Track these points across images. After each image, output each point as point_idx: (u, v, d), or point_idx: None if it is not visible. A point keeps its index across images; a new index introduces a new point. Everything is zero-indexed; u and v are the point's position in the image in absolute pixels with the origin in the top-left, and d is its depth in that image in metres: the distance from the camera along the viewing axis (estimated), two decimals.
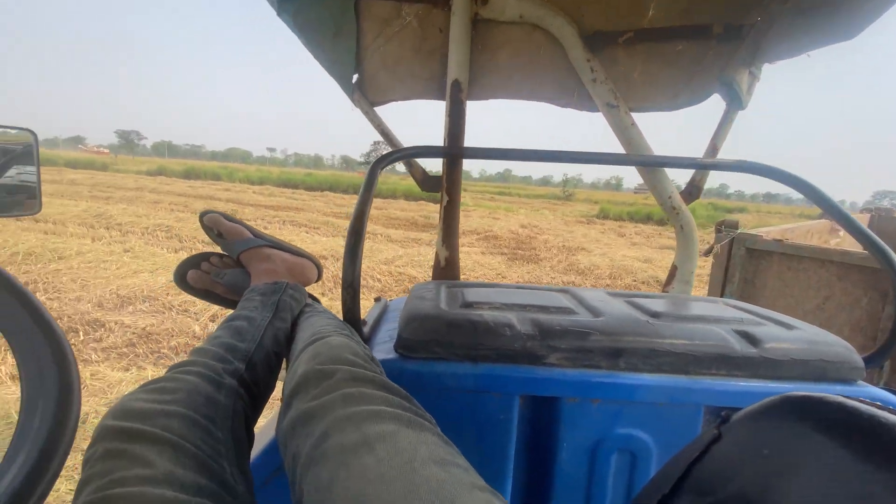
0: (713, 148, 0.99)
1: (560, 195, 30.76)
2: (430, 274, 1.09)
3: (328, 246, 6.08)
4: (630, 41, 0.96)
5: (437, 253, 1.01)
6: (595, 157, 0.84)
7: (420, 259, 5.53)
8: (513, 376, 0.58)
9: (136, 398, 0.43)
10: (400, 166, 1.10)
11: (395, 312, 0.84)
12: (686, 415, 0.58)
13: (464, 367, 0.59)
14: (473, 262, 5.88)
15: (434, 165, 1.14)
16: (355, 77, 1.05)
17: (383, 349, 0.63)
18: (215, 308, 3.47)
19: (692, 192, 1.03)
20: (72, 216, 7.11)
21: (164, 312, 3.43)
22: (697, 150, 1.06)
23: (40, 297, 3.43)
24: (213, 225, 0.81)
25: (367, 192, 0.70)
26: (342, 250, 5.17)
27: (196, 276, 0.80)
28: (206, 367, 0.50)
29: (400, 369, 0.58)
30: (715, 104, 0.99)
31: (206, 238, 5.47)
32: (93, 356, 2.62)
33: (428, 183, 1.03)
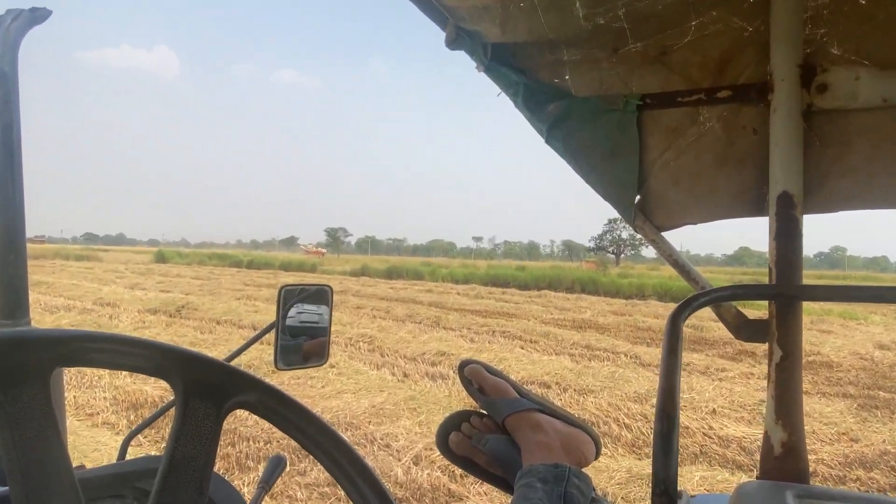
0: None
1: None
2: (728, 432, 0.98)
3: (550, 368, 6.17)
4: None
5: (766, 434, 0.93)
6: None
7: (692, 397, 5.00)
8: None
9: None
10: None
11: None
12: None
13: None
14: None
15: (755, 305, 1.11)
16: (637, 198, 1.13)
17: None
18: (419, 446, 3.84)
19: None
20: None
21: (365, 445, 3.97)
22: None
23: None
24: (473, 378, 0.93)
25: (673, 354, 0.73)
26: (568, 373, 5.11)
27: (457, 441, 0.91)
28: None
29: None
30: None
31: (407, 352, 6.21)
32: (298, 493, 3.18)
33: (747, 330, 0.99)
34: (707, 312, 1.03)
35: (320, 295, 1.01)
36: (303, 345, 0.97)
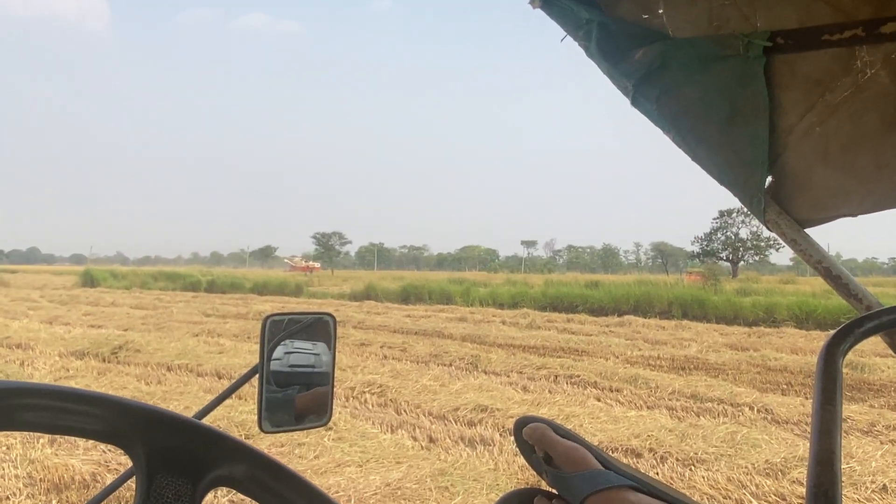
0: None
1: None
2: None
3: (641, 428, 6.12)
4: None
5: None
6: None
7: (853, 468, 4.90)
8: None
9: None
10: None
11: None
12: None
13: None
14: None
15: None
16: (768, 180, 1.13)
17: None
18: None
19: None
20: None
21: None
22: None
23: None
24: (536, 442, 0.94)
25: (830, 403, 0.73)
26: (668, 435, 5.08)
27: None
28: None
29: None
30: None
31: (432, 408, 6.20)
32: None
33: None
34: (872, 344, 1.02)
35: (318, 328, 1.02)
36: (295, 398, 0.97)
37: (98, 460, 5.02)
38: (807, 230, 1.11)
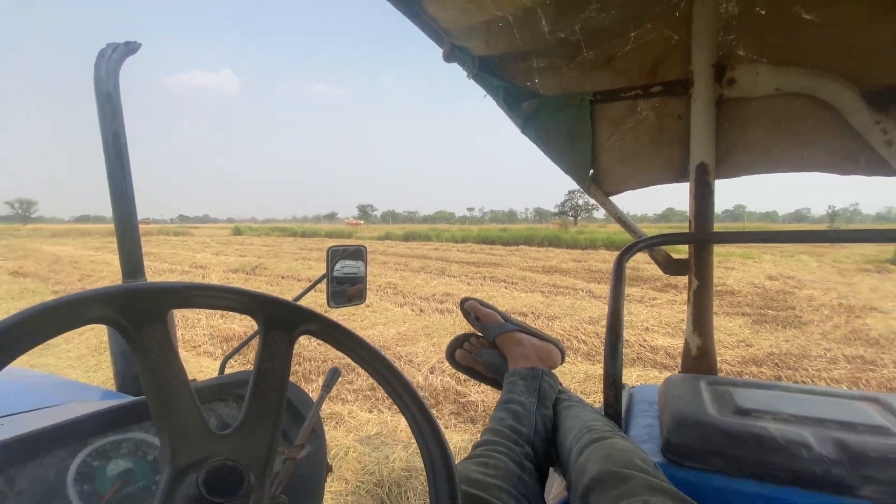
0: None
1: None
2: (657, 343, 1.01)
3: (527, 302, 6.23)
4: None
5: (686, 341, 0.95)
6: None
7: (631, 319, 5.07)
8: None
9: (470, 469, 0.57)
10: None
11: (645, 404, 0.83)
12: None
13: (749, 486, 0.56)
14: None
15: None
16: (591, 172, 1.11)
17: (647, 450, 0.62)
18: (433, 360, 3.93)
19: None
20: None
21: (394, 361, 4.06)
22: None
23: (312, 341, 4.52)
24: (471, 310, 0.95)
25: (618, 285, 0.74)
26: (540, 305, 5.15)
27: (462, 355, 0.94)
28: (508, 448, 0.61)
29: (672, 477, 0.56)
30: None
31: (422, 294, 6.22)
32: (348, 396, 3.28)
33: (673, 267, 0.99)
34: (643, 257, 1.03)
35: (358, 253, 1.00)
36: (347, 290, 0.96)
37: (249, 324, 4.98)
38: (611, 198, 1.11)
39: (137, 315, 0.36)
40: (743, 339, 4.57)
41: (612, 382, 0.68)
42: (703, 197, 0.92)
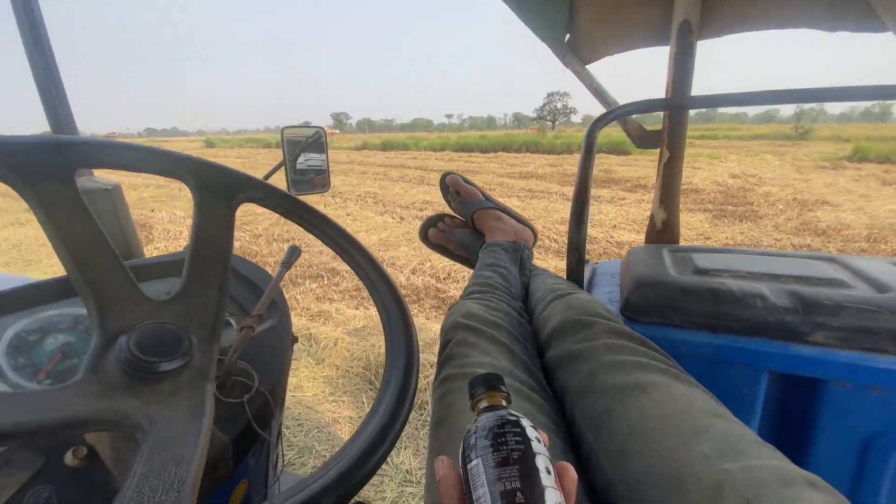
0: None
1: (791, 134, 23.91)
2: (623, 238, 1.04)
3: None
4: None
5: (652, 215, 0.94)
6: (880, 90, 0.65)
7: (600, 218, 5.25)
8: (763, 350, 0.54)
9: (472, 305, 0.56)
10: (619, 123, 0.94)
11: (608, 276, 0.84)
12: None
13: (701, 336, 0.56)
14: None
15: (652, 119, 1.04)
16: (567, 36, 1.02)
17: None
18: (414, 263, 4.09)
19: None
20: None
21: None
22: None
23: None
24: (452, 185, 0.94)
25: (588, 155, 0.71)
26: (516, 209, 5.11)
27: (434, 234, 0.95)
28: (504, 298, 0.61)
29: None
30: None
31: (402, 202, 6.17)
32: (335, 296, 3.45)
33: (645, 139, 0.94)
34: (616, 164, 0.98)
35: (317, 140, 0.91)
36: (312, 178, 0.90)
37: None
38: (588, 66, 1.04)
39: (32, 171, 0.31)
40: (702, 232, 4.84)
41: (576, 249, 0.68)
42: (683, 60, 0.85)
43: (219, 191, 0.40)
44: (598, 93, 1.01)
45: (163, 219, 6.03)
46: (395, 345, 0.40)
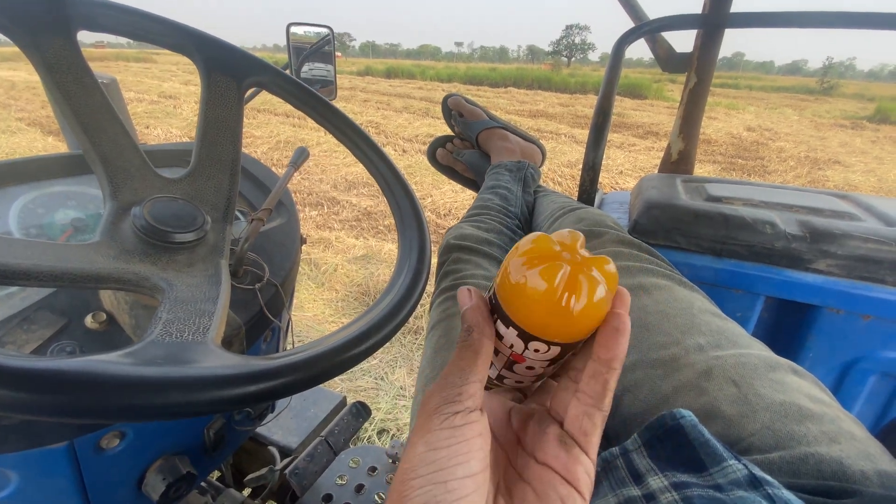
0: None
1: (815, 88, 22.67)
2: (628, 185, 0.99)
3: None
4: None
5: (669, 144, 0.89)
6: None
7: (607, 163, 5.13)
8: (762, 276, 0.55)
9: (465, 227, 0.58)
10: (639, 46, 0.82)
11: (616, 204, 0.82)
12: None
13: (705, 260, 0.57)
14: None
15: (682, 41, 0.95)
16: None
17: None
18: (421, 195, 4.05)
19: None
20: None
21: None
22: None
23: (297, 176, 4.51)
24: (455, 107, 0.89)
25: (613, 70, 0.68)
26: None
27: (442, 154, 0.92)
28: (499, 219, 0.62)
29: None
30: None
31: (405, 135, 6.01)
32: (335, 225, 3.45)
33: (673, 62, 0.86)
34: (631, 108, 0.90)
35: (324, 46, 0.84)
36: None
37: None
38: None
39: (32, 23, 0.29)
40: None
41: (592, 166, 0.66)
42: None
43: (227, 71, 0.38)
44: (629, 5, 0.90)
45: (158, 136, 5.85)
46: (407, 236, 0.40)
